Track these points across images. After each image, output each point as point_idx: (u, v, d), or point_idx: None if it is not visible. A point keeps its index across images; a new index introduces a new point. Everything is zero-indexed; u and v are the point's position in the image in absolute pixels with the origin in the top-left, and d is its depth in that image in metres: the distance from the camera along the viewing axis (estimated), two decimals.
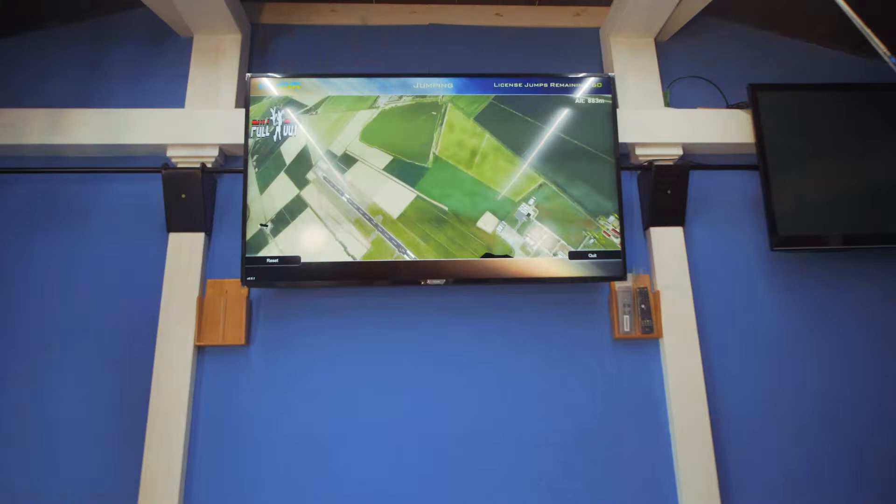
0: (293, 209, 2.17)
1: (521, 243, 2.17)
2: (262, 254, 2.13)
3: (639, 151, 2.42)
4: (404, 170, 2.22)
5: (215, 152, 2.35)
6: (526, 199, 2.21)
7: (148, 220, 2.33)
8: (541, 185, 2.21)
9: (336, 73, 2.31)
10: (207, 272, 2.31)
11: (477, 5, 2.78)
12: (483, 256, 2.15)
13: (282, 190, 2.18)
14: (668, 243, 2.35)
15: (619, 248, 2.19)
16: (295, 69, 2.62)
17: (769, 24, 2.74)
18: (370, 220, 2.18)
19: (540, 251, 2.16)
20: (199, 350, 2.23)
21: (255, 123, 2.23)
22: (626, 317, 2.27)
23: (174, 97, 2.49)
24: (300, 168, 2.19)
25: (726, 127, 2.45)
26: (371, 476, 2.13)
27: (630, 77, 2.55)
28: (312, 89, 2.26)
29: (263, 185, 2.18)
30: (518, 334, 2.30)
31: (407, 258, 2.14)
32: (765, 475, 2.18)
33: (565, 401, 2.24)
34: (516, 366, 2.27)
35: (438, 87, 2.28)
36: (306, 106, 2.24)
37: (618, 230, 2.20)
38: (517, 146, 2.24)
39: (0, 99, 2.42)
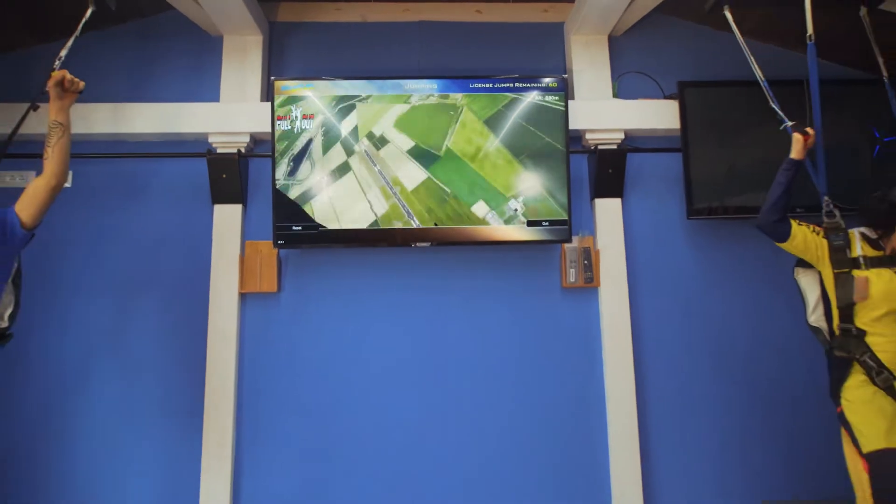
0: (342, 169, 2.78)
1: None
2: (308, 205, 2.77)
3: (588, 136, 2.99)
4: (422, 155, 2.81)
5: (247, 139, 2.93)
6: (515, 196, 2.80)
7: (196, 194, 2.95)
8: (530, 187, 2.80)
9: (340, 76, 2.85)
10: (245, 235, 2.95)
11: (460, 3, 3.26)
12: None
13: (336, 155, 2.78)
14: (608, 212, 2.97)
15: (566, 217, 2.80)
16: (307, 63, 3.15)
17: (709, 20, 3.21)
18: (391, 188, 2.79)
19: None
20: (242, 296, 2.90)
21: (280, 118, 2.80)
22: (573, 270, 2.92)
23: (210, 90, 3.04)
24: (350, 141, 2.79)
25: (661, 115, 3.00)
26: (373, 386, 2.86)
27: (585, 72, 3.08)
28: (323, 89, 2.82)
29: (326, 149, 2.78)
30: (489, 283, 2.96)
31: (413, 224, 2.77)
32: (673, 390, 2.89)
33: (525, 332, 2.92)
34: (487, 306, 2.95)
35: (425, 88, 2.83)
36: (322, 102, 2.80)
37: (537, 219, 2.79)
38: (516, 149, 2.81)
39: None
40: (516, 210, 2.78)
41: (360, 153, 2.80)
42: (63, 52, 2.24)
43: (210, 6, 2.79)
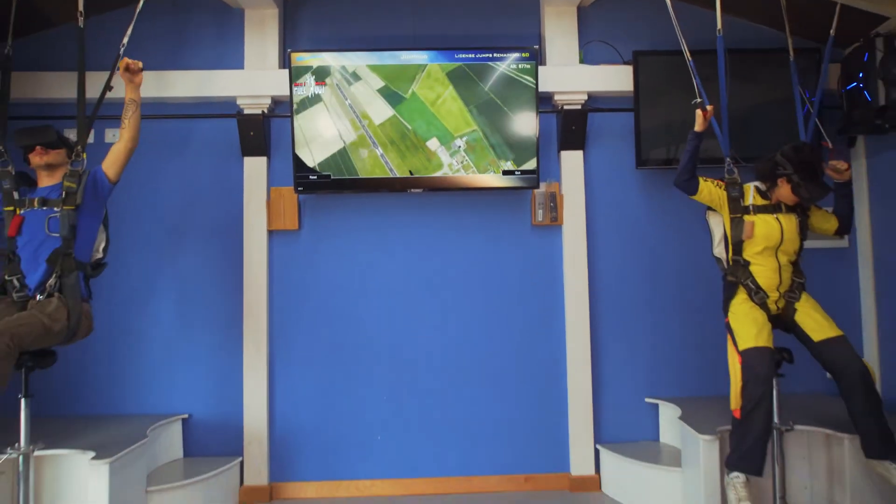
0: (312, 100, 3.36)
1: (448, 162, 3.39)
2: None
3: (557, 97, 3.54)
4: (391, 94, 3.38)
5: (269, 101, 3.50)
6: (461, 136, 3.39)
7: (229, 149, 3.54)
8: (473, 130, 3.39)
9: (345, 48, 3.39)
10: (270, 182, 3.56)
11: None
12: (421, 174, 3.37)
13: (308, 85, 3.36)
14: (572, 162, 3.56)
15: (535, 168, 3.39)
16: (316, 32, 3.66)
17: None
18: (360, 121, 3.37)
19: (459, 170, 3.38)
20: (270, 233, 3.55)
21: (296, 85, 3.34)
22: (541, 211, 3.54)
23: (234, 58, 3.58)
24: (322, 73, 3.35)
25: (619, 79, 3.53)
26: (375, 301, 3.57)
27: (557, 40, 3.59)
28: (331, 59, 3.35)
29: (295, 79, 3.34)
30: (473, 221, 3.60)
31: (378, 152, 3.36)
32: (618, 303, 3.58)
33: (501, 262, 3.59)
34: (471, 239, 3.60)
35: (418, 58, 3.36)
36: (328, 71, 3.34)
37: (511, 169, 3.39)
38: (467, 100, 3.37)
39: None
40: (459, 147, 3.37)
41: (332, 85, 3.35)
42: (125, 40, 2.78)
43: None
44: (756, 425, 2.40)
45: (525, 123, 3.38)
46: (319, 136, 3.35)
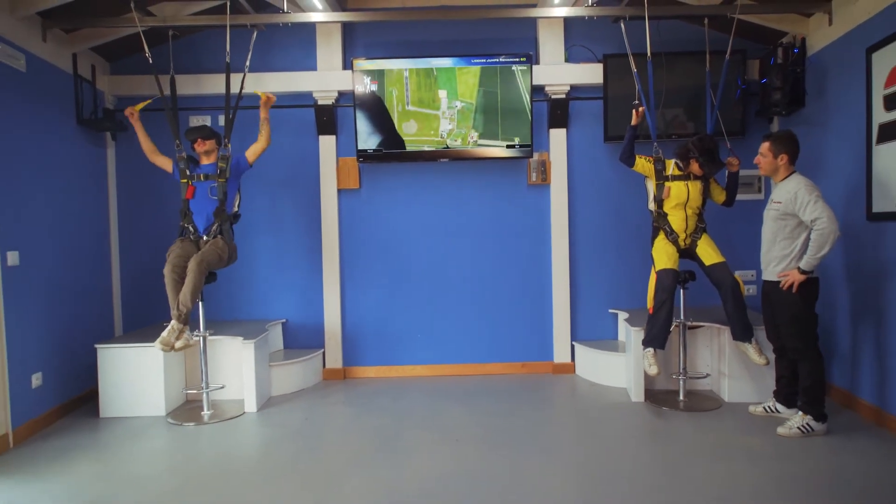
0: (368, 95, 4.69)
1: (443, 110, 4.66)
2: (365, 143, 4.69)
3: (547, 89, 4.77)
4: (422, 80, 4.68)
5: (336, 94, 4.80)
6: (461, 100, 4.66)
7: (308, 129, 4.88)
8: (470, 102, 4.65)
9: (391, 56, 4.64)
10: (338, 154, 4.91)
11: None
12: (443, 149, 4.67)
13: (366, 84, 4.67)
14: (558, 137, 4.84)
15: (530, 143, 4.68)
16: (368, 39, 4.90)
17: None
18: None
19: (447, 121, 4.68)
20: (339, 191, 4.93)
21: (357, 84, 4.63)
22: (534, 173, 4.85)
23: (309, 61, 4.86)
24: (375, 75, 4.65)
25: (594, 74, 4.74)
26: (415, 239, 4.96)
27: (548, 44, 4.79)
28: (381, 64, 4.61)
29: (356, 79, 4.65)
30: (484, 181, 4.94)
31: (405, 85, 4.64)
32: (589, 242, 4.93)
33: (505, 211, 4.94)
34: (483, 194, 4.95)
35: (444, 63, 4.61)
36: (380, 73, 4.61)
37: (476, 137, 4.66)
38: (482, 82, 4.63)
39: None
40: (457, 107, 4.64)
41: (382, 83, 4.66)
42: (244, 78, 4.09)
43: (304, 4, 4.52)
44: (660, 318, 3.78)
45: (522, 109, 4.65)
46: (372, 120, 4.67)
